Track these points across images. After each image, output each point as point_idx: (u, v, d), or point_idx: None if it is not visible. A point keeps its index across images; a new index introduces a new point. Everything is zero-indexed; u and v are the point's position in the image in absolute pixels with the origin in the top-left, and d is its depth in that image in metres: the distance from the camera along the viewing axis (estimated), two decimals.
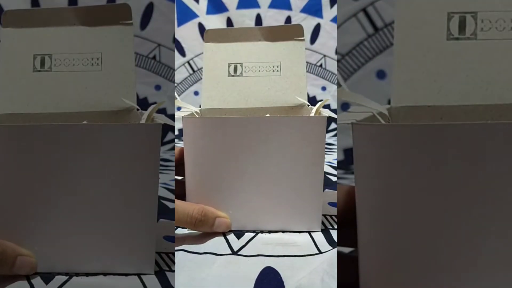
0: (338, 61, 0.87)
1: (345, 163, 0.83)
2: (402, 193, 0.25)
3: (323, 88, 1.12)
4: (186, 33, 1.13)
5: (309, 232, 0.43)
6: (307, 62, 1.11)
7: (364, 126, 0.26)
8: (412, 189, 0.24)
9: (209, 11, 1.13)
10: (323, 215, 0.45)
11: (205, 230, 0.43)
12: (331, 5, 1.10)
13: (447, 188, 0.24)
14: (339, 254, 0.35)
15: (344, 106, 0.86)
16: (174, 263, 0.37)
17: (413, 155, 0.24)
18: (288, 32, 0.53)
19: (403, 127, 0.25)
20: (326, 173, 0.64)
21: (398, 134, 0.24)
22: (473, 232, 0.23)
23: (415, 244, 0.25)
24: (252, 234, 0.43)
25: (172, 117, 0.40)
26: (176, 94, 0.48)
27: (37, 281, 0.34)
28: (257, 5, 1.11)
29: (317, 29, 1.11)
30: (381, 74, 0.85)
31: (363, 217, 0.27)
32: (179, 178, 0.50)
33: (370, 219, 0.27)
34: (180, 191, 0.47)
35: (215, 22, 1.11)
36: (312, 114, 0.46)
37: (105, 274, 0.35)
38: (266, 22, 1.10)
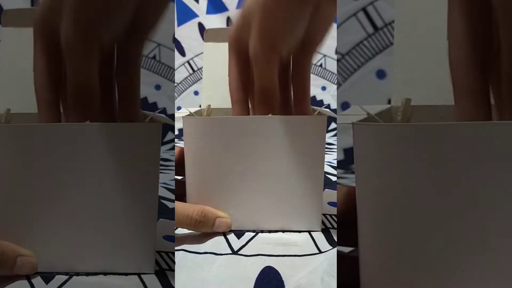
0: (338, 60, 0.87)
1: (345, 163, 0.83)
2: (403, 193, 0.25)
3: (323, 88, 1.12)
4: (186, 33, 1.13)
5: (309, 232, 0.43)
6: None
7: (364, 126, 0.26)
8: (412, 189, 0.24)
9: (209, 11, 1.13)
10: (323, 214, 0.45)
11: (206, 230, 0.43)
12: None
13: (447, 188, 0.24)
14: (339, 253, 0.35)
15: (344, 106, 0.86)
16: (174, 262, 0.37)
17: (413, 155, 0.24)
18: None
19: (404, 127, 0.25)
20: (326, 173, 0.64)
21: (398, 134, 0.24)
22: (474, 232, 0.23)
23: (415, 244, 0.25)
24: (252, 234, 0.43)
25: (172, 117, 0.40)
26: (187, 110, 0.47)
27: (37, 280, 0.34)
28: None
29: None
30: (381, 74, 0.85)
31: (364, 217, 0.27)
32: (179, 178, 0.50)
33: (370, 219, 0.27)
34: (180, 191, 0.47)
35: (215, 21, 1.12)
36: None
37: (105, 274, 0.35)
38: None
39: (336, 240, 0.41)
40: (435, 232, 0.24)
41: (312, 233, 0.43)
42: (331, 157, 0.77)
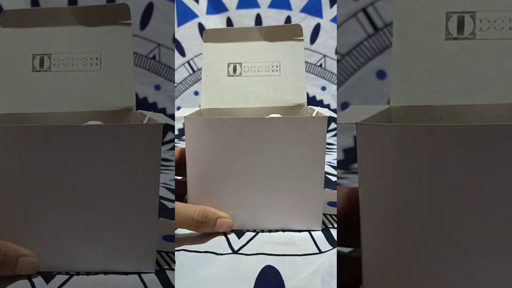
0: (338, 61, 0.87)
1: (345, 163, 0.83)
2: (405, 193, 0.25)
3: (323, 88, 1.12)
4: (186, 33, 1.13)
5: (309, 231, 0.43)
6: (307, 62, 1.11)
7: (368, 126, 0.26)
8: (415, 189, 0.24)
9: (209, 11, 1.13)
10: (323, 214, 0.45)
11: (207, 231, 0.43)
12: (331, 5, 1.10)
13: (450, 189, 0.24)
14: (339, 254, 0.35)
15: (344, 106, 0.86)
16: (174, 262, 0.37)
17: (414, 155, 0.24)
18: (287, 32, 0.53)
19: (407, 127, 0.25)
20: (326, 173, 0.64)
21: (401, 134, 0.24)
22: (476, 233, 0.23)
23: (418, 244, 0.25)
24: (253, 233, 0.43)
25: (172, 117, 0.40)
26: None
27: (38, 280, 0.34)
28: (257, 5, 1.11)
29: (317, 29, 1.11)
30: (381, 74, 0.85)
31: (367, 218, 0.27)
32: (179, 178, 0.50)
33: (373, 220, 0.27)
34: (180, 192, 0.47)
35: (215, 22, 1.12)
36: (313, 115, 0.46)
37: (105, 273, 0.35)
38: (266, 22, 1.10)
39: (336, 239, 0.41)
40: (437, 233, 0.24)
41: (312, 232, 0.43)
42: (331, 157, 0.77)
